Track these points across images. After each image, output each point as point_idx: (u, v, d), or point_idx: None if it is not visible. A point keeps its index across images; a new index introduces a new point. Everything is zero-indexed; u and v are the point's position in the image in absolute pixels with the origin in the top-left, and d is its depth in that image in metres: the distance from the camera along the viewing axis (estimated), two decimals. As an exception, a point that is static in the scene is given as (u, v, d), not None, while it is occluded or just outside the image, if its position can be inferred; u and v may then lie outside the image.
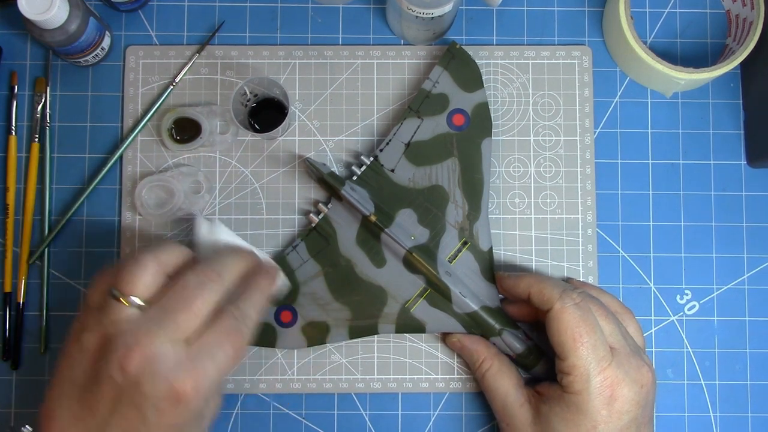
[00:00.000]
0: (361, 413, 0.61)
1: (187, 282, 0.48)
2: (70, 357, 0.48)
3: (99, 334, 0.47)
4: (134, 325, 0.46)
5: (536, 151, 0.63)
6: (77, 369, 0.47)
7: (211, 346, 0.47)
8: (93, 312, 0.48)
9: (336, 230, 0.60)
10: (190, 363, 0.46)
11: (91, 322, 0.47)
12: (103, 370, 0.46)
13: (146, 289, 0.48)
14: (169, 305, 0.47)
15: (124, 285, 0.47)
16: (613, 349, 0.53)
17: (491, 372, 0.57)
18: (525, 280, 0.56)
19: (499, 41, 0.64)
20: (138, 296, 0.47)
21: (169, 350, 0.46)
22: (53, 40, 0.56)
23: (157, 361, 0.45)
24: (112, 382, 0.45)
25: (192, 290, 0.48)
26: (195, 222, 0.55)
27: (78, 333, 0.48)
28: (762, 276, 0.63)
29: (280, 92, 0.59)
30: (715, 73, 0.59)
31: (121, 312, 0.47)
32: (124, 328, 0.46)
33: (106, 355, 0.46)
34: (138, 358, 0.45)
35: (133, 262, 0.48)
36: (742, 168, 0.64)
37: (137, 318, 0.47)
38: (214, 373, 0.47)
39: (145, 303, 0.47)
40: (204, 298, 0.48)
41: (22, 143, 0.62)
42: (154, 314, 0.47)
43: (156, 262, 0.48)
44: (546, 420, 0.53)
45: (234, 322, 0.48)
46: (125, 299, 0.47)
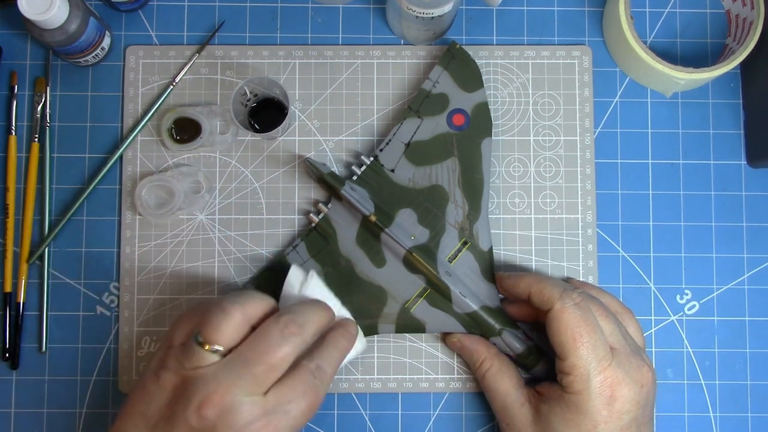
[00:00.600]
0: (361, 413, 0.61)
1: (269, 333, 0.48)
2: (146, 391, 0.49)
3: (180, 376, 0.48)
4: (215, 372, 0.47)
5: (536, 151, 0.63)
6: (153, 404, 0.48)
7: (286, 402, 0.48)
8: (175, 351, 0.49)
9: (336, 230, 0.60)
10: (265, 418, 0.47)
11: (171, 362, 0.48)
12: (180, 413, 0.46)
13: (229, 338, 0.48)
14: (250, 357, 0.48)
15: (208, 333, 0.48)
16: (613, 349, 0.53)
17: (491, 372, 0.57)
18: (525, 280, 0.56)
19: (499, 41, 0.64)
20: (221, 345, 0.48)
21: (246, 402, 0.46)
22: (53, 40, 0.56)
23: (234, 412, 0.46)
24: (188, 425, 0.46)
25: (272, 343, 0.48)
26: (290, 271, 0.55)
27: (158, 369, 0.49)
28: (762, 276, 0.63)
29: (280, 92, 0.59)
30: (715, 73, 0.59)
31: (204, 358, 0.48)
32: (204, 375, 0.47)
33: (185, 399, 0.47)
34: (216, 407, 0.46)
35: (220, 311, 0.49)
36: (742, 168, 0.64)
37: (218, 366, 0.47)
38: (286, 428, 0.48)
39: (227, 351, 0.48)
40: (283, 352, 0.48)
41: (22, 143, 0.62)
42: (233, 364, 0.47)
43: (241, 312, 0.49)
44: (546, 420, 0.53)
45: (311, 378, 0.49)
46: (209, 347, 0.48)
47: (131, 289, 0.61)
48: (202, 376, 0.47)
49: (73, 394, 0.61)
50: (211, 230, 0.62)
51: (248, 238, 0.62)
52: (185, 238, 0.61)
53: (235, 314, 0.49)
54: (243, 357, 0.48)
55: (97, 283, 0.61)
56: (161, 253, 0.61)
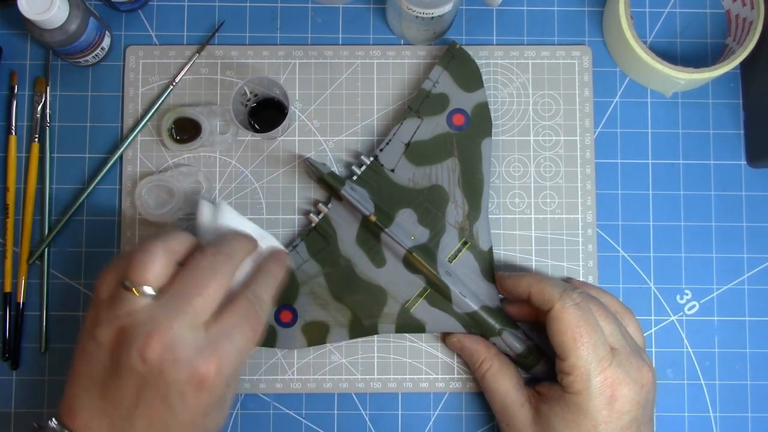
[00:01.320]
0: (361, 413, 0.61)
1: (199, 266, 0.48)
2: (85, 352, 0.48)
3: (114, 327, 0.47)
4: (150, 313, 0.46)
5: (536, 151, 0.63)
6: (95, 364, 0.47)
7: (229, 329, 0.47)
8: (104, 305, 0.48)
9: (336, 230, 0.60)
10: (211, 346, 0.46)
11: (103, 316, 0.47)
12: (123, 362, 0.45)
13: (158, 277, 0.47)
14: (183, 291, 0.47)
15: (135, 275, 0.47)
16: (613, 349, 0.53)
17: (491, 372, 0.57)
18: (525, 280, 0.56)
19: (499, 41, 0.64)
20: (150, 285, 0.47)
21: (188, 335, 0.46)
22: (53, 40, 0.56)
23: (178, 346, 0.45)
24: (134, 372, 0.45)
25: (204, 274, 0.48)
26: (199, 205, 0.54)
27: (92, 328, 0.48)
28: (762, 276, 0.63)
29: (280, 92, 0.59)
30: (715, 73, 0.59)
31: (135, 302, 0.47)
32: (140, 318, 0.46)
33: (125, 347, 0.46)
34: (158, 345, 0.45)
35: (142, 252, 0.48)
36: (742, 168, 0.64)
37: (152, 306, 0.46)
38: (234, 356, 0.47)
39: (157, 291, 0.47)
40: (217, 281, 0.48)
41: (22, 143, 0.62)
42: (169, 301, 0.47)
43: (165, 249, 0.48)
44: (546, 420, 0.53)
45: (249, 305, 0.49)
46: (138, 289, 0.47)
47: (131, 289, 0.61)
48: (138, 320, 0.46)
49: (73, 394, 0.61)
50: (211, 230, 0.62)
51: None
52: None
53: (158, 252, 0.48)
54: (176, 293, 0.47)
55: (97, 283, 0.61)
56: (161, 253, 0.61)
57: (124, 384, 0.46)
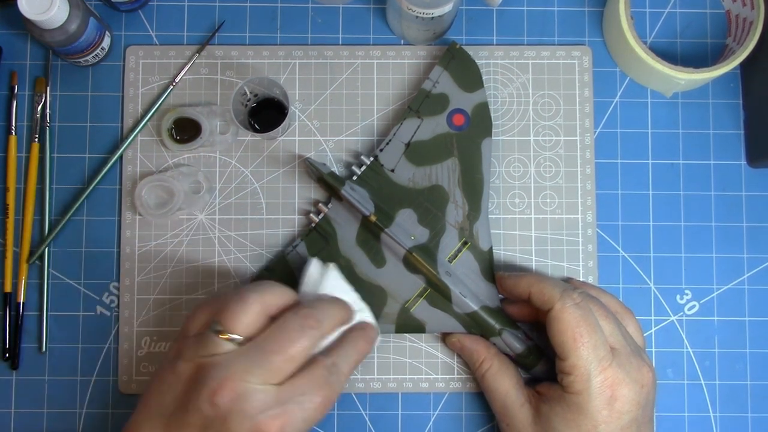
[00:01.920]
0: (361, 413, 0.61)
1: (288, 325, 0.48)
2: (162, 382, 0.48)
3: (194, 365, 0.47)
4: (230, 360, 0.47)
5: (536, 151, 0.63)
6: (168, 394, 0.48)
7: (301, 394, 0.47)
8: (190, 341, 0.49)
9: (336, 230, 0.60)
10: (279, 408, 0.46)
11: (187, 352, 0.48)
12: (193, 401, 0.46)
13: (247, 328, 0.48)
14: (267, 346, 0.47)
15: (226, 321, 0.48)
16: (613, 349, 0.53)
17: (491, 372, 0.57)
18: (525, 280, 0.55)
19: (499, 41, 0.64)
20: (238, 333, 0.48)
21: (259, 391, 0.46)
22: (53, 40, 0.56)
23: (248, 399, 0.45)
24: (201, 413, 0.46)
25: (291, 334, 0.48)
26: (308, 262, 0.55)
27: (174, 360, 0.49)
28: (762, 276, 0.63)
29: (280, 92, 0.59)
30: (715, 73, 0.59)
31: (220, 346, 0.47)
32: (219, 362, 0.47)
33: (198, 386, 0.46)
34: (229, 393, 0.45)
35: (238, 300, 0.48)
36: (742, 168, 0.64)
37: (234, 354, 0.47)
38: (300, 421, 0.47)
39: (243, 340, 0.48)
40: (302, 344, 0.48)
41: (22, 143, 0.62)
42: (250, 352, 0.47)
43: (260, 302, 0.49)
44: (546, 420, 0.53)
45: (326, 374, 0.49)
46: (225, 335, 0.47)
47: (131, 289, 0.61)
48: (217, 364, 0.46)
49: (73, 394, 0.61)
50: (211, 230, 0.62)
51: (248, 238, 0.62)
52: (185, 238, 0.61)
53: (253, 303, 0.48)
54: (260, 346, 0.47)
55: (97, 283, 0.61)
56: (161, 253, 0.61)
57: (189, 421, 0.46)
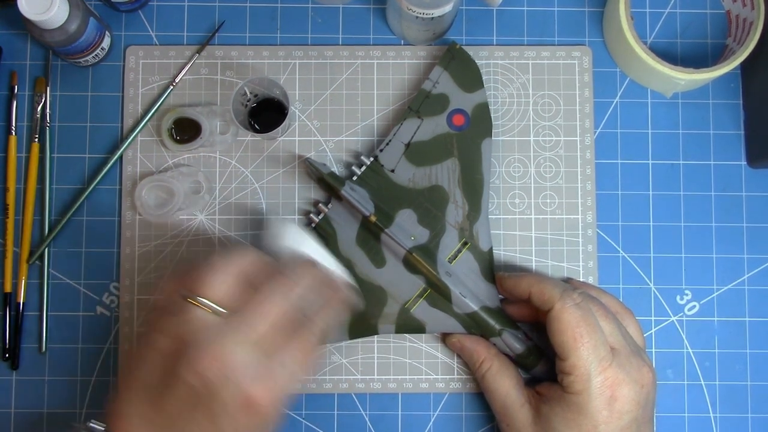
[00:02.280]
0: (361, 413, 0.61)
1: (266, 290, 0.48)
2: (142, 358, 0.48)
3: (174, 337, 0.47)
4: (211, 330, 0.46)
5: (536, 152, 0.63)
6: (150, 370, 0.47)
7: (285, 357, 0.47)
8: (166, 314, 0.48)
9: (336, 230, 0.60)
10: (266, 372, 0.46)
11: (164, 325, 0.47)
12: (178, 374, 0.45)
13: (224, 294, 0.47)
14: (247, 312, 0.47)
15: (201, 289, 0.47)
16: (613, 349, 0.53)
17: (491, 372, 0.57)
18: (525, 281, 0.55)
19: (499, 41, 0.64)
20: (215, 301, 0.47)
21: (245, 358, 0.46)
22: (53, 40, 0.56)
23: (234, 367, 0.45)
24: (187, 385, 0.45)
25: (270, 299, 0.48)
26: (281, 225, 0.54)
27: (150, 334, 0.48)
28: (762, 276, 0.63)
29: (280, 92, 0.59)
30: (715, 73, 0.59)
31: (198, 316, 0.47)
32: (200, 333, 0.46)
33: (182, 359, 0.45)
34: (215, 363, 0.45)
35: (211, 267, 0.48)
36: (742, 168, 0.64)
37: (214, 323, 0.46)
38: (287, 384, 0.47)
39: (222, 308, 0.47)
40: (281, 308, 0.48)
41: (22, 143, 0.62)
42: (231, 320, 0.47)
43: (234, 267, 0.48)
44: (546, 420, 0.53)
45: (308, 335, 0.49)
46: (201, 303, 0.47)
47: (131, 289, 0.61)
48: (200, 335, 0.46)
49: (73, 394, 0.61)
50: (211, 230, 0.62)
51: (248, 238, 0.62)
52: (185, 239, 0.61)
53: (227, 269, 0.48)
54: (239, 314, 0.47)
55: (97, 283, 0.61)
56: (161, 254, 0.61)
57: (176, 395, 0.46)
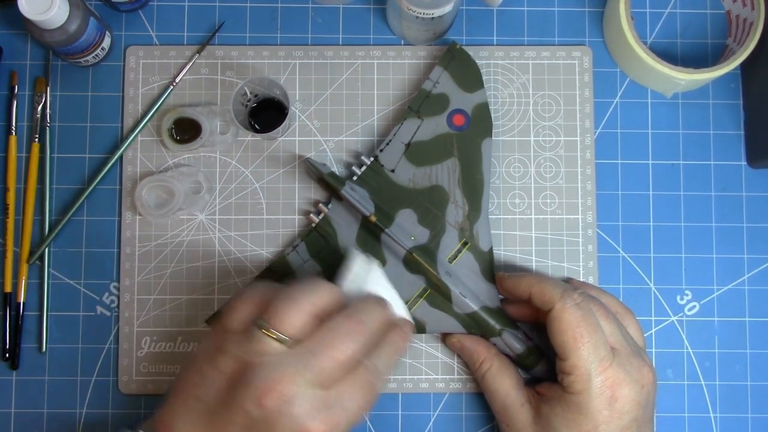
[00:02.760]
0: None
1: (338, 329, 0.48)
2: (201, 375, 0.48)
3: (239, 361, 0.47)
4: (278, 361, 0.46)
5: (536, 152, 0.63)
6: (208, 388, 0.47)
7: (346, 397, 0.47)
8: (233, 336, 0.48)
9: (336, 230, 0.60)
10: (326, 411, 0.46)
11: (231, 346, 0.47)
12: (239, 399, 0.46)
13: (296, 328, 0.47)
14: (316, 349, 0.47)
15: (275, 321, 0.47)
16: (614, 349, 0.53)
17: (491, 372, 0.57)
18: (525, 281, 0.55)
19: (499, 41, 0.64)
20: (287, 334, 0.47)
21: (308, 394, 0.46)
22: (53, 40, 0.56)
23: (296, 402, 0.45)
24: (246, 413, 0.45)
25: (341, 339, 0.47)
26: (352, 256, 0.54)
27: (214, 354, 0.48)
28: (762, 276, 0.63)
29: (280, 92, 0.59)
30: (716, 73, 0.59)
31: (268, 345, 0.47)
32: (268, 362, 0.46)
33: (245, 385, 0.46)
34: (277, 395, 0.45)
35: (288, 299, 0.48)
36: (742, 168, 0.64)
37: (282, 355, 0.46)
38: (344, 424, 0.47)
39: (292, 341, 0.47)
40: (351, 349, 0.48)
41: (22, 143, 0.62)
42: (299, 355, 0.46)
43: (311, 303, 0.48)
44: (546, 420, 0.53)
45: (369, 376, 0.48)
46: (274, 334, 0.47)
47: (131, 289, 0.61)
48: (266, 364, 0.46)
49: (73, 394, 0.61)
50: (211, 230, 0.62)
51: (248, 238, 0.62)
52: (185, 239, 0.61)
53: (304, 304, 0.48)
54: (309, 349, 0.47)
55: (97, 283, 0.61)
56: (161, 253, 0.61)
57: (233, 419, 0.46)
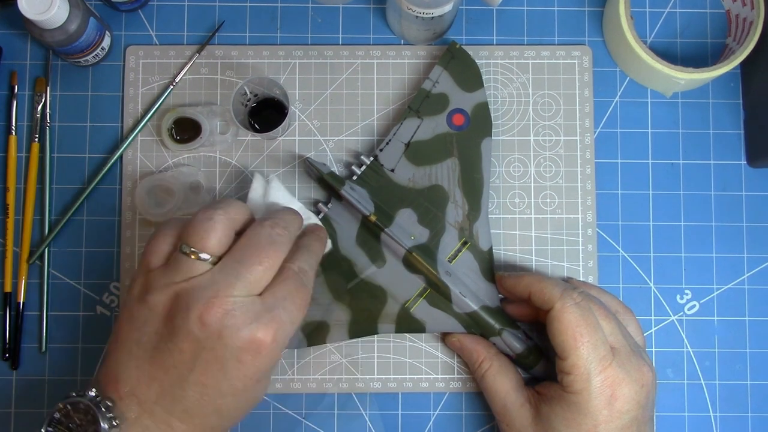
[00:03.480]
0: (361, 413, 0.61)
1: (259, 237, 0.49)
2: (134, 318, 0.48)
3: (170, 292, 0.47)
4: (210, 279, 0.47)
5: (536, 151, 0.63)
6: (145, 329, 0.47)
7: (282, 299, 0.48)
8: (157, 271, 0.48)
9: (336, 230, 0.60)
10: (268, 314, 0.47)
11: (157, 282, 0.48)
12: (180, 326, 0.46)
13: (218, 245, 0.48)
14: (243, 259, 0.47)
15: (196, 241, 0.47)
16: (613, 348, 0.53)
17: (491, 372, 0.57)
18: (525, 280, 0.55)
19: (499, 41, 0.64)
20: (210, 252, 0.47)
21: (246, 302, 0.46)
22: (53, 40, 0.56)
23: (238, 312, 0.46)
24: (191, 336, 0.46)
25: (264, 245, 0.48)
26: (253, 179, 0.57)
27: (142, 294, 0.48)
28: (762, 276, 0.63)
29: (280, 92, 0.59)
30: (715, 73, 0.59)
31: (194, 268, 0.47)
32: (199, 283, 0.46)
33: (183, 311, 0.46)
34: (218, 310, 0.45)
35: (203, 219, 0.48)
36: (742, 168, 0.64)
37: (212, 272, 0.47)
38: (288, 324, 0.48)
39: (216, 258, 0.48)
40: (276, 253, 0.49)
41: (22, 143, 0.62)
42: (228, 268, 0.47)
43: (226, 218, 0.49)
44: (546, 420, 0.53)
45: (297, 277, 0.49)
46: (197, 255, 0.47)
47: (131, 289, 0.61)
48: (197, 285, 0.46)
49: (73, 394, 0.61)
50: (211, 230, 0.62)
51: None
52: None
53: (220, 220, 0.48)
54: (236, 260, 0.47)
55: (97, 283, 0.61)
56: (161, 253, 0.61)
57: (179, 348, 0.46)
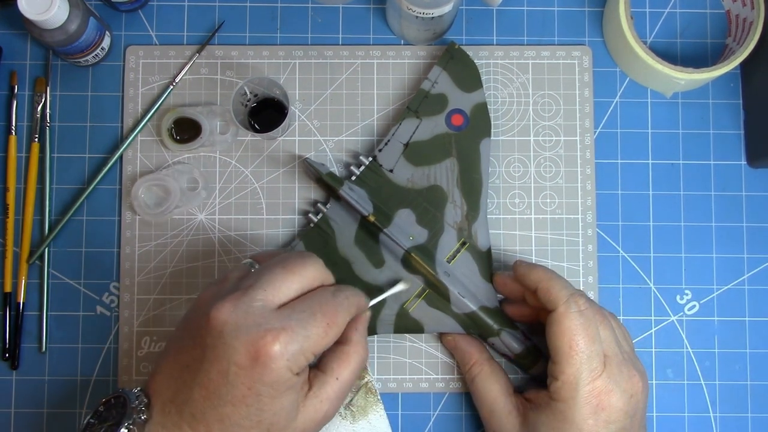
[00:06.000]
0: (361, 413, 0.61)
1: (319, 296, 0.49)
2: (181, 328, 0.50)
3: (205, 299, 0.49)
4: (236, 283, 0.47)
5: (536, 151, 0.63)
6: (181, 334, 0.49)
7: (300, 313, 0.46)
8: None
9: (335, 230, 0.60)
10: (278, 324, 0.44)
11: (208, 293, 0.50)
12: (196, 325, 0.46)
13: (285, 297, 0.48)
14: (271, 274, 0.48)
15: (269, 289, 0.47)
16: (606, 356, 0.51)
17: (481, 377, 0.57)
18: (537, 273, 0.54)
19: (499, 41, 0.64)
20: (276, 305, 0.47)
21: (258, 307, 0.45)
22: (53, 40, 0.56)
23: (243, 312, 0.45)
24: (200, 333, 0.45)
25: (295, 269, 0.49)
26: None
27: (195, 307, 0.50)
28: (762, 276, 0.63)
29: (280, 92, 0.59)
30: (715, 73, 0.59)
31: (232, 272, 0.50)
32: (227, 285, 0.48)
33: (200, 309, 0.47)
34: (227, 307, 0.45)
35: (288, 271, 0.48)
36: (742, 168, 0.64)
37: (239, 278, 0.48)
38: (301, 339, 0.45)
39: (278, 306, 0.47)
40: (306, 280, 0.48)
41: (22, 143, 0.62)
42: (255, 276, 0.47)
43: (305, 279, 0.49)
44: (533, 428, 0.53)
45: (328, 295, 0.48)
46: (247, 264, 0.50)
47: (131, 289, 0.61)
48: (223, 288, 0.48)
49: (73, 394, 0.61)
50: (211, 230, 0.62)
51: (248, 238, 0.62)
52: (185, 238, 0.62)
53: (296, 278, 0.48)
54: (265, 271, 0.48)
55: (97, 283, 0.62)
56: (161, 253, 0.61)
57: (193, 345, 0.46)
